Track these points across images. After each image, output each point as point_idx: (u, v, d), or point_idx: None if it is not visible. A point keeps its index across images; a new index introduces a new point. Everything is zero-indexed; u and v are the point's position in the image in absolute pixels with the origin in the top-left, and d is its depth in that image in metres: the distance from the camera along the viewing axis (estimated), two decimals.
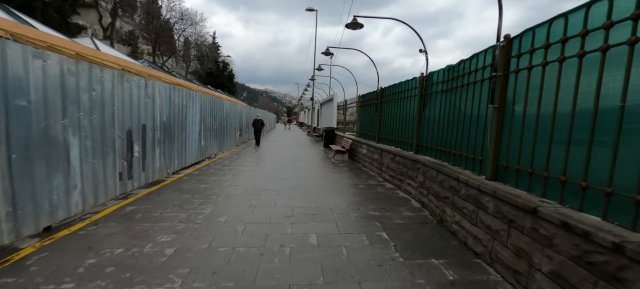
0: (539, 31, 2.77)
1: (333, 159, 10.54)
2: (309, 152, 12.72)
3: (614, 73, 2.07)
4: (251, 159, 9.93)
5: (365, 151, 9.03)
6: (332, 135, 14.52)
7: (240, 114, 14.61)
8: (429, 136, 5.29)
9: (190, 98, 7.69)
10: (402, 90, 6.64)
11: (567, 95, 2.41)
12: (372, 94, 9.22)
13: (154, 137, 5.76)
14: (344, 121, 13.75)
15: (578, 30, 2.32)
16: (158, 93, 5.89)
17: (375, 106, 8.67)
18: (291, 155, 11.33)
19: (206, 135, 9.15)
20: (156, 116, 5.80)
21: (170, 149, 6.51)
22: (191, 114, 7.74)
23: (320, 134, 19.79)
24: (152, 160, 5.75)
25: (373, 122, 8.92)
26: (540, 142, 2.64)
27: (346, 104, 13.34)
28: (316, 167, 8.64)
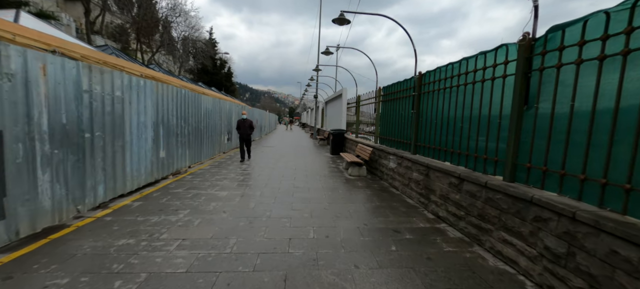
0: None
1: (346, 173, 7.85)
2: (313, 162, 10.04)
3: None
4: (234, 175, 7.27)
5: (394, 165, 6.34)
6: (340, 139, 11.83)
7: (230, 114, 11.99)
8: (554, 151, 2.60)
9: (134, 88, 5.06)
10: (471, 70, 3.95)
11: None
12: (401, 84, 6.53)
13: (27, 151, 3.12)
14: (356, 121, 11.07)
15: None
16: (42, 73, 3.25)
17: (409, 99, 5.99)
18: (290, 167, 8.66)
19: (170, 142, 6.52)
20: (32, 113, 3.17)
21: (78, 168, 3.87)
22: (135, 112, 5.12)
23: (325, 137, 17.11)
24: (24, 192, 3.12)
25: (404, 123, 6.24)
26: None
27: (359, 100, 10.66)
28: (325, 190, 5.96)
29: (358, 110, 10.91)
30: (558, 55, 2.68)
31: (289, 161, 9.79)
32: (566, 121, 2.58)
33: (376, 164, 7.59)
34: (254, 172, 7.58)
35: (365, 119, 11.46)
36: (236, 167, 8.23)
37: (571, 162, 2.53)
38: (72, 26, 27.15)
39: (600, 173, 2.28)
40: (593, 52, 2.39)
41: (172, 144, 6.62)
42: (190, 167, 7.89)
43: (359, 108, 10.87)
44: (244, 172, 7.46)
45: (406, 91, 6.24)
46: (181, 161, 7.19)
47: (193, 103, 7.92)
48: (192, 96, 7.80)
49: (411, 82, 6.01)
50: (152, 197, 4.93)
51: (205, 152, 8.99)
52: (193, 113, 7.93)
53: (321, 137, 17.90)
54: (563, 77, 2.66)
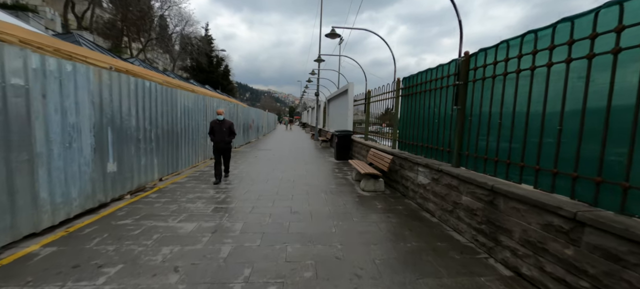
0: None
1: (358, 187, 6.22)
2: (315, 171, 8.40)
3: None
4: (214, 192, 5.65)
5: (425, 180, 4.71)
6: (347, 142, 10.19)
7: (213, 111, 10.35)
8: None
9: (51, 76, 3.43)
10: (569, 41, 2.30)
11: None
12: (432, 72, 4.91)
13: None
14: (365, 120, 9.43)
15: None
16: None
17: (445, 92, 4.37)
18: (288, 179, 7.03)
19: (125, 150, 4.90)
20: None
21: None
22: (55, 110, 3.49)
23: (327, 138, 15.48)
24: None
25: (437, 124, 4.60)
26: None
27: (369, 96, 9.02)
28: (335, 217, 4.32)
29: (368, 108, 9.27)
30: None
31: (287, 169, 8.16)
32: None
33: (396, 175, 5.96)
34: (240, 187, 5.95)
35: (372, 119, 9.83)
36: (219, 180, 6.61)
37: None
38: (57, 21, 25.55)
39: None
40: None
41: (128, 153, 4.99)
42: (161, 181, 6.27)
43: (368, 106, 9.23)
44: (227, 189, 5.83)
45: (441, 81, 4.61)
46: (145, 173, 5.56)
47: (165, 100, 6.30)
48: (162, 90, 6.17)
49: (452, 67, 4.37)
50: (77, 238, 3.31)
51: (184, 160, 7.36)
52: (165, 112, 6.31)
53: (323, 138, 16.27)
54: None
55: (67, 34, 9.21)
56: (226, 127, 6.27)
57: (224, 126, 6.25)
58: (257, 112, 20.04)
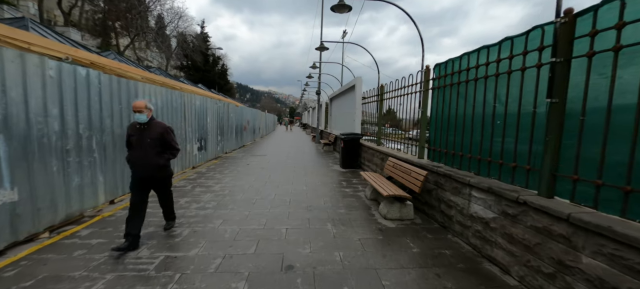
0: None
1: (378, 212, 4.60)
2: (318, 185, 6.81)
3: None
4: (177, 223, 4.06)
5: (488, 214, 3.09)
6: (355, 148, 8.60)
7: (202, 113, 8.79)
8: None
9: None
10: None
11: None
12: (488, 50, 3.31)
13: None
14: (378, 122, 7.81)
15: None
16: None
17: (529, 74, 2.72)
18: (282, 200, 5.43)
19: (37, 168, 3.32)
20: None
21: None
22: None
23: (330, 141, 13.89)
24: None
25: (500, 125, 2.98)
26: None
27: (383, 91, 7.41)
28: (352, 275, 2.71)
29: (381, 107, 7.66)
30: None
31: (283, 182, 6.56)
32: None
33: (430, 197, 4.35)
34: (215, 216, 4.35)
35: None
36: (192, 200, 5.00)
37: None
38: None
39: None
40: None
41: (45, 171, 3.39)
42: (113, 203, 4.68)
43: (381, 104, 7.63)
44: (197, 218, 4.23)
45: (510, 61, 3.03)
46: (81, 197, 3.97)
47: (117, 95, 4.71)
48: (111, 83, 4.58)
49: (536, 37, 2.77)
50: None
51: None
52: (118, 112, 4.72)
53: (325, 141, 14.67)
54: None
55: (19, 19, 7.68)
56: (154, 137, 3.21)
57: (150, 135, 3.20)
58: (253, 112, 18.45)
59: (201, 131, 8.60)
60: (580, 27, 2.39)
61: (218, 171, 7.67)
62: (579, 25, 2.40)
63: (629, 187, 1.99)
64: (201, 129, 8.60)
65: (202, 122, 8.63)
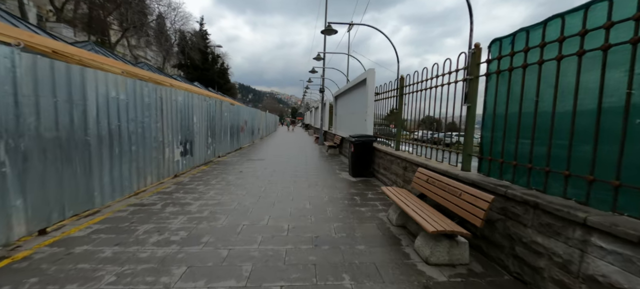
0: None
1: (417, 255, 3.22)
2: (325, 201, 5.47)
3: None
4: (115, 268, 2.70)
5: None
6: (367, 153, 7.24)
7: (188, 112, 7.48)
8: None
9: None
10: None
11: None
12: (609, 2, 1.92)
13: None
14: (398, 121, 6.43)
15: None
16: None
17: None
18: (276, 228, 4.09)
19: None
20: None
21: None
22: None
23: (336, 143, 12.53)
24: None
25: None
26: None
27: (403, 83, 6.04)
28: None
29: (401, 103, 6.29)
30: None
31: (280, 199, 5.22)
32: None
33: (492, 229, 2.97)
34: (180, 257, 3.01)
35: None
36: (155, 228, 3.67)
37: None
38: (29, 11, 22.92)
39: None
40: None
41: None
42: (45, 234, 3.36)
43: (402, 100, 6.26)
44: (148, 264, 2.89)
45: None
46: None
47: (37, 82, 3.39)
48: (28, 64, 3.24)
49: None
50: None
51: (109, 185, 4.44)
52: (41, 108, 3.40)
53: (330, 143, 13.31)
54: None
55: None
56: None
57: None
58: (251, 111, 17.12)
59: (186, 132, 7.28)
60: None
61: (203, 181, 6.35)
62: None
63: None
64: (186, 130, 7.28)
65: (186, 122, 7.31)
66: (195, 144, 7.91)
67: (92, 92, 4.11)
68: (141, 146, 5.32)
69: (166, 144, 6.25)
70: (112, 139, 4.54)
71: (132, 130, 5.05)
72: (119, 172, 4.72)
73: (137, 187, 5.25)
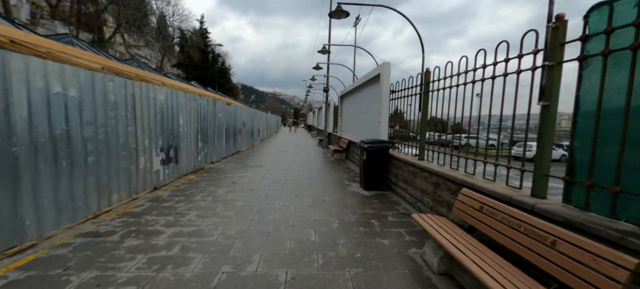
0: None
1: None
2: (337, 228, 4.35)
3: None
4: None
5: None
6: (382, 161, 6.10)
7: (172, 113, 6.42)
8: None
9: None
10: None
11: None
12: None
13: None
14: (421, 125, 5.27)
15: None
16: None
17: None
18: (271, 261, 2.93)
19: None
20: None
21: None
22: None
23: (342, 147, 11.40)
24: None
25: None
26: None
27: (429, 77, 4.91)
28: None
29: (425, 102, 5.15)
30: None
31: (277, 226, 4.11)
32: None
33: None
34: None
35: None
36: (96, 281, 2.57)
37: None
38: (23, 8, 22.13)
39: None
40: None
41: None
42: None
43: (427, 97, 5.12)
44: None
45: None
46: None
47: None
48: None
49: None
50: None
51: (52, 208, 3.36)
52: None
53: (336, 147, 12.18)
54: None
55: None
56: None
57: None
58: (250, 112, 16.04)
59: (169, 136, 6.20)
60: None
61: (186, 196, 5.25)
62: None
63: None
64: (168, 133, 6.21)
65: (169, 123, 6.24)
66: (182, 150, 6.83)
67: (22, 86, 3.03)
68: (103, 156, 4.24)
69: (141, 152, 5.17)
70: (56, 149, 3.46)
71: (89, 136, 3.96)
72: (68, 192, 3.64)
73: (97, 208, 4.17)
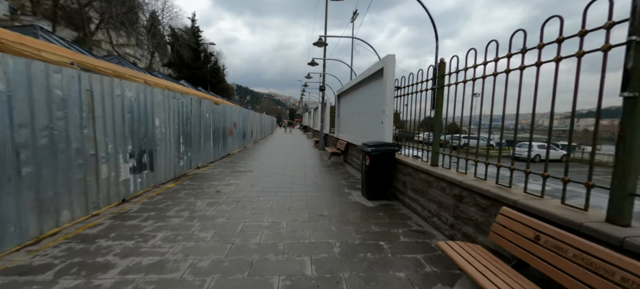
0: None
1: None
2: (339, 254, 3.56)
3: None
4: None
5: None
6: (388, 166, 5.35)
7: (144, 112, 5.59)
8: None
9: None
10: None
11: None
12: None
13: None
14: (436, 121, 4.52)
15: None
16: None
17: None
18: None
19: None
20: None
21: None
22: None
23: (340, 149, 10.65)
24: None
25: None
26: None
27: (443, 70, 4.17)
28: None
29: (440, 97, 4.40)
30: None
31: (263, 248, 3.32)
32: None
33: None
34: None
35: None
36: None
37: None
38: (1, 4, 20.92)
39: None
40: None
41: None
42: None
43: (441, 94, 4.37)
44: None
45: None
46: None
47: None
48: None
49: None
50: None
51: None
52: None
53: (333, 149, 11.41)
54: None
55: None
56: None
57: None
58: (242, 112, 15.19)
59: (141, 139, 5.37)
60: None
61: (158, 211, 4.42)
62: None
63: None
64: (141, 136, 5.37)
65: (142, 125, 5.40)
66: (159, 155, 5.99)
67: None
68: (47, 166, 3.39)
69: (102, 159, 4.33)
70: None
71: (23, 142, 3.12)
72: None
73: (39, 231, 3.33)
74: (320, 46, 12.75)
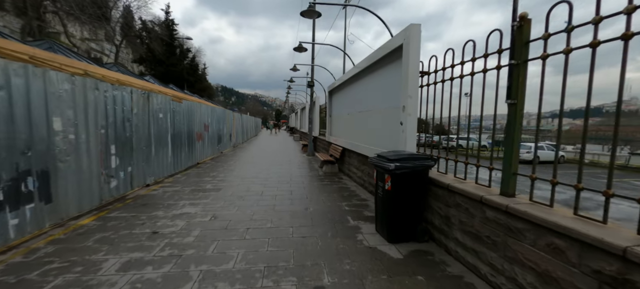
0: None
1: None
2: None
3: None
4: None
5: None
6: (418, 189, 3.48)
7: (41, 112, 3.45)
8: None
9: None
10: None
11: None
12: None
13: None
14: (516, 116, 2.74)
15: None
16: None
17: None
18: None
19: None
20: None
21: None
22: None
23: (334, 157, 8.77)
24: None
25: None
26: None
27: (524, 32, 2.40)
28: None
29: (522, 81, 2.60)
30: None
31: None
32: None
33: None
34: None
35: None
36: None
37: None
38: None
39: None
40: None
41: None
42: None
43: (524, 74, 2.57)
44: None
45: None
46: None
47: None
48: None
49: None
50: None
51: None
52: None
53: (326, 157, 9.50)
54: None
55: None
56: None
57: None
58: (217, 112, 12.96)
59: (20, 153, 3.25)
60: None
61: (27, 286, 2.35)
62: None
63: None
64: (21, 148, 3.26)
65: (25, 130, 3.29)
66: (62, 176, 3.86)
67: None
68: None
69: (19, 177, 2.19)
70: None
71: None
72: None
73: None
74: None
